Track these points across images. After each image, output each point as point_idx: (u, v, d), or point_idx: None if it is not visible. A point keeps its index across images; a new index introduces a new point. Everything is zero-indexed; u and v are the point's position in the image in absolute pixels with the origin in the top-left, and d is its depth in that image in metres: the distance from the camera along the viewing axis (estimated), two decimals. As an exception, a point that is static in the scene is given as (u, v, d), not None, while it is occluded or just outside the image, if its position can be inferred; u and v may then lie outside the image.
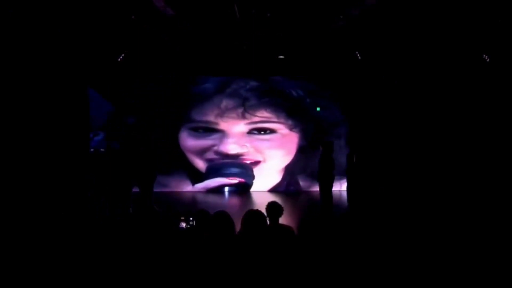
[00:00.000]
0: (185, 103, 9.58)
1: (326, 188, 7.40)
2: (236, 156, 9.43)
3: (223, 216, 3.40)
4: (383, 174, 9.24)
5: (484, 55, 8.53)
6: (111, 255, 3.09)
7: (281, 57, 9.64)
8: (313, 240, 3.09)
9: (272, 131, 9.57)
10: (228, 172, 9.44)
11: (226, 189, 9.82)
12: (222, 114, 9.51)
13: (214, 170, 9.47)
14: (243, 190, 9.64)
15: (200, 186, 9.62)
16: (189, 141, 9.50)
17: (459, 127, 9.04)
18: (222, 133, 9.49)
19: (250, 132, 9.54)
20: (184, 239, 3.34)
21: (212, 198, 9.38)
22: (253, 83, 9.69)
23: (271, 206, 4.06)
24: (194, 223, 3.26)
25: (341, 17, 6.76)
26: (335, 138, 9.16)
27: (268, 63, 9.64)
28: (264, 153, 9.57)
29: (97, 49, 8.76)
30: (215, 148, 9.42)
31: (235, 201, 9.34)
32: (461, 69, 8.91)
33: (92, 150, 9.57)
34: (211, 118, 9.52)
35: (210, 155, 9.45)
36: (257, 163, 9.66)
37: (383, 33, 8.02)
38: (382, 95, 9.84)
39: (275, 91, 9.67)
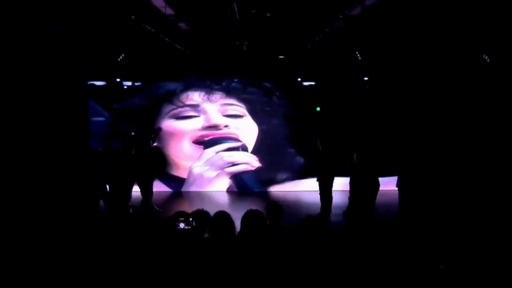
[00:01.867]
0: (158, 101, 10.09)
1: (326, 188, 7.40)
2: (221, 127, 9.96)
3: (223, 216, 3.39)
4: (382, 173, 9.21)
5: (484, 55, 8.53)
6: (111, 255, 3.08)
7: (281, 57, 9.67)
8: (313, 240, 3.09)
9: (240, 116, 10.13)
10: (226, 142, 9.97)
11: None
12: (199, 99, 10.03)
13: (212, 142, 9.94)
14: (244, 150, 10.05)
15: (210, 149, 9.93)
16: (176, 126, 9.94)
17: (458, 127, 9.04)
18: (204, 113, 9.95)
19: (226, 116, 10.06)
20: (184, 239, 3.33)
21: (211, 198, 9.41)
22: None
23: (271, 206, 4.05)
24: (194, 223, 3.25)
25: (341, 17, 6.76)
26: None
27: (268, 63, 9.68)
28: (239, 130, 10.09)
29: (97, 49, 8.77)
30: (203, 124, 9.92)
31: (235, 201, 9.35)
32: (461, 69, 8.92)
33: (91, 150, 9.56)
34: (191, 102, 10.02)
35: (198, 133, 9.93)
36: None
37: (383, 33, 8.03)
38: (381, 95, 9.86)
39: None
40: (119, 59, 9.08)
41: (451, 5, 6.51)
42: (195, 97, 9.96)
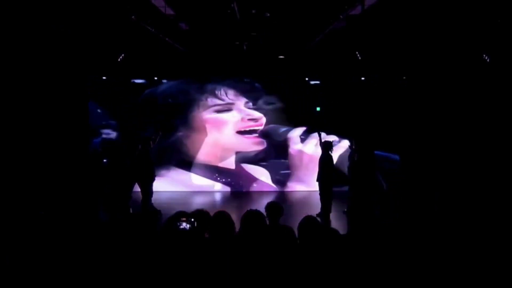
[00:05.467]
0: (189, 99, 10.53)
1: (326, 188, 7.40)
2: (261, 119, 10.56)
3: (223, 216, 3.39)
4: (385, 173, 9.23)
5: (484, 55, 8.53)
6: (111, 255, 3.09)
7: (281, 57, 9.67)
8: (313, 240, 3.09)
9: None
10: (287, 128, 10.50)
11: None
12: (233, 97, 10.59)
13: (275, 131, 10.50)
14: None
15: (293, 134, 10.44)
16: (221, 118, 10.59)
17: (458, 127, 9.04)
18: (239, 109, 10.50)
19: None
20: (184, 239, 3.33)
21: (211, 198, 9.43)
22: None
23: (271, 206, 4.05)
24: (196, 224, 3.26)
25: (341, 17, 6.76)
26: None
27: (268, 63, 9.69)
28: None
29: (97, 49, 8.77)
30: (243, 117, 10.53)
31: (235, 201, 9.37)
32: (461, 69, 8.92)
33: (91, 150, 9.57)
34: (227, 99, 10.57)
35: (241, 124, 10.48)
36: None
37: (383, 33, 8.03)
38: (381, 94, 9.87)
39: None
40: (119, 59, 9.08)
41: (451, 5, 6.51)
42: (230, 94, 10.58)
